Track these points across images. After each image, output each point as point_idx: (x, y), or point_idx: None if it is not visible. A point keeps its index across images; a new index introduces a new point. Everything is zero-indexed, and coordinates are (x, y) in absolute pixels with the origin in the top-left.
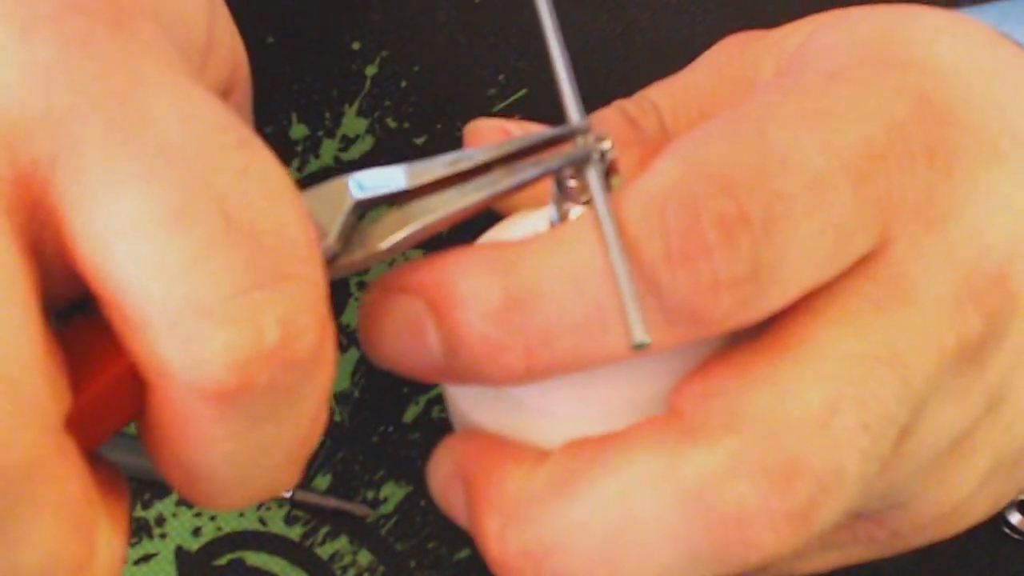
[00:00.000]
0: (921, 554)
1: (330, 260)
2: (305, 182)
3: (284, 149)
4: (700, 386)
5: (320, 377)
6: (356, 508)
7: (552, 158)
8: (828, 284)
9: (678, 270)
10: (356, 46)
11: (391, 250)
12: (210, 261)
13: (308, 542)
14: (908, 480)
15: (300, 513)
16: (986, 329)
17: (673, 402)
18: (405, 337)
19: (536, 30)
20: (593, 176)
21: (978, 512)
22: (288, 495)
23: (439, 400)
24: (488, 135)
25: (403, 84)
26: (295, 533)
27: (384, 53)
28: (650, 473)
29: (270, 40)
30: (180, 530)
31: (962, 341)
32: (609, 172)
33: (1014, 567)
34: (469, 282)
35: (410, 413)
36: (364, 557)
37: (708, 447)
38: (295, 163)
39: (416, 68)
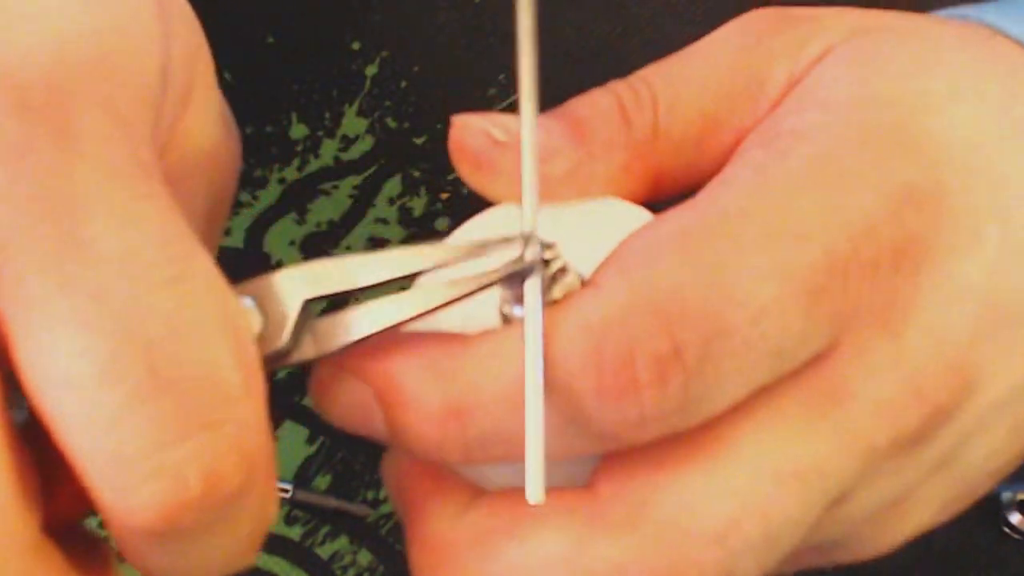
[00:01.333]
0: (921, 553)
1: (280, 356)
2: (305, 182)
3: (284, 149)
4: (619, 473)
5: (255, 496)
6: (356, 508)
7: (493, 271)
8: (766, 386)
9: (607, 405)
10: (356, 46)
11: (343, 350)
12: (134, 417)
13: (308, 542)
14: (843, 532)
15: (300, 513)
16: (926, 424)
17: (595, 477)
18: (356, 415)
19: (536, 30)
20: (530, 298)
21: (923, 528)
22: (288, 495)
23: None
24: (474, 133)
25: (403, 84)
26: (295, 533)
27: (384, 53)
28: (556, 552)
29: (270, 40)
30: None
31: (897, 437)
32: (557, 276)
33: (1014, 567)
34: (412, 385)
35: None
36: (364, 557)
37: (609, 540)
38: (295, 163)
39: (416, 68)
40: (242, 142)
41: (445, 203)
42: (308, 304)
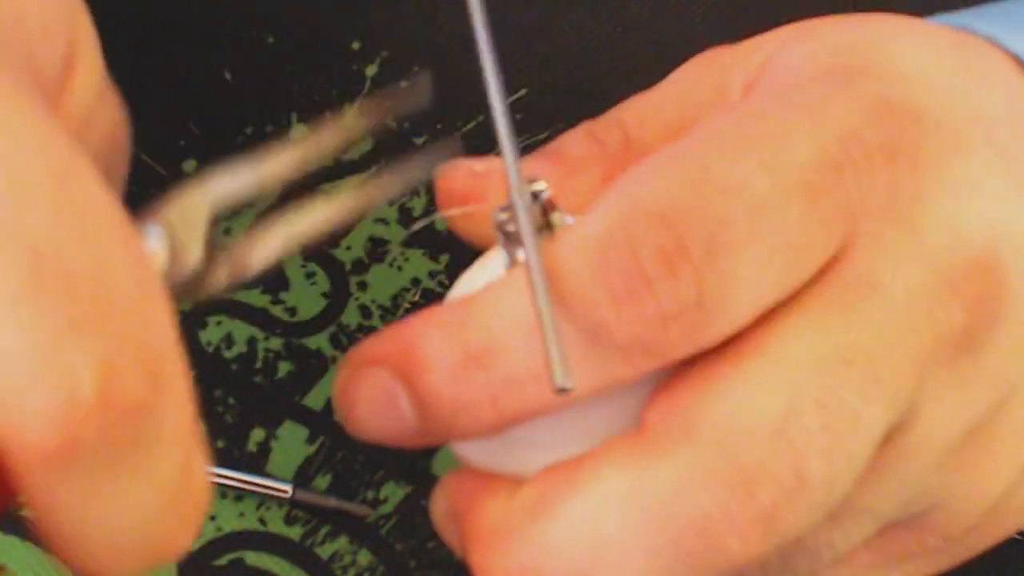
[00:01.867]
0: None
1: (194, 281)
2: (305, 182)
3: None
4: (664, 401)
5: (167, 421)
6: (356, 508)
7: (417, 167)
8: (790, 295)
9: (623, 309)
10: (356, 46)
11: (260, 266)
12: (17, 314)
13: (308, 542)
14: (926, 477)
15: (300, 513)
16: (971, 318)
17: (643, 417)
18: (380, 407)
19: (536, 30)
20: (522, 217)
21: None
22: (288, 495)
23: None
24: (457, 174)
25: (403, 84)
26: (295, 533)
27: (384, 53)
28: (616, 490)
29: (270, 40)
30: None
31: (943, 332)
32: (547, 210)
33: (1014, 567)
34: (429, 344)
35: None
36: (364, 557)
37: (668, 460)
38: None
39: (416, 68)
40: (242, 142)
41: None
42: (218, 225)
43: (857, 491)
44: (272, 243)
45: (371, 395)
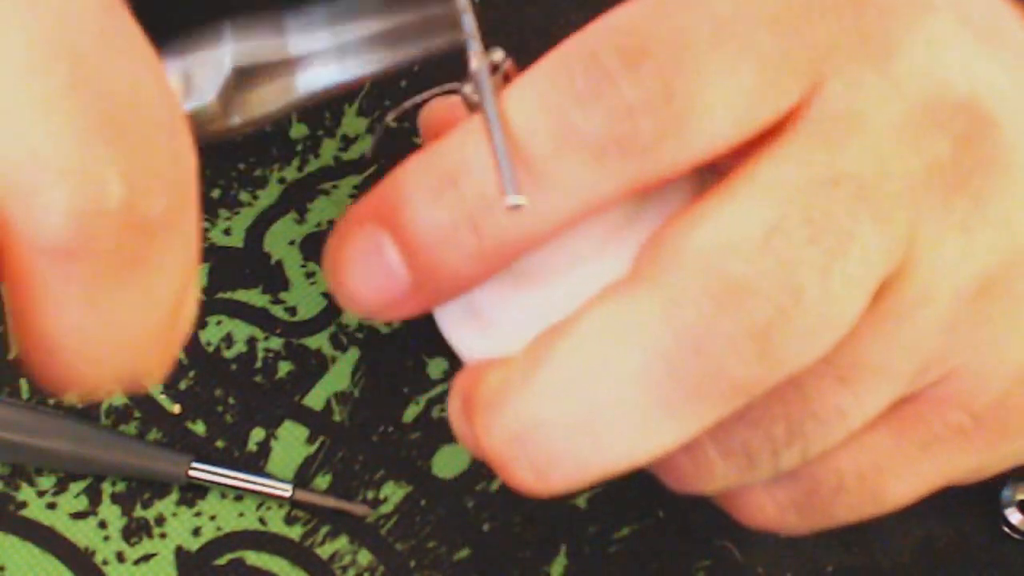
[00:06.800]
0: (921, 553)
1: (208, 122)
2: (305, 182)
3: (284, 149)
4: (649, 242)
5: (177, 247)
6: (356, 508)
7: (437, 40)
8: (767, 130)
9: (588, 106)
10: None
11: (269, 116)
12: (55, 114)
13: (308, 542)
14: (938, 335)
15: (300, 513)
16: (959, 151)
17: (632, 265)
18: (368, 262)
19: (536, 29)
20: (473, 46)
21: None
22: (288, 495)
23: (440, 400)
24: (438, 109)
25: (403, 84)
26: (295, 533)
27: None
28: (604, 326)
29: None
30: (180, 530)
31: (930, 162)
32: (509, 77)
33: (1014, 567)
34: (405, 185)
35: (410, 413)
36: (364, 557)
37: (654, 287)
38: (295, 163)
39: (416, 68)
40: (243, 143)
41: None
42: (238, 74)
43: (863, 344)
44: (282, 98)
45: (358, 252)
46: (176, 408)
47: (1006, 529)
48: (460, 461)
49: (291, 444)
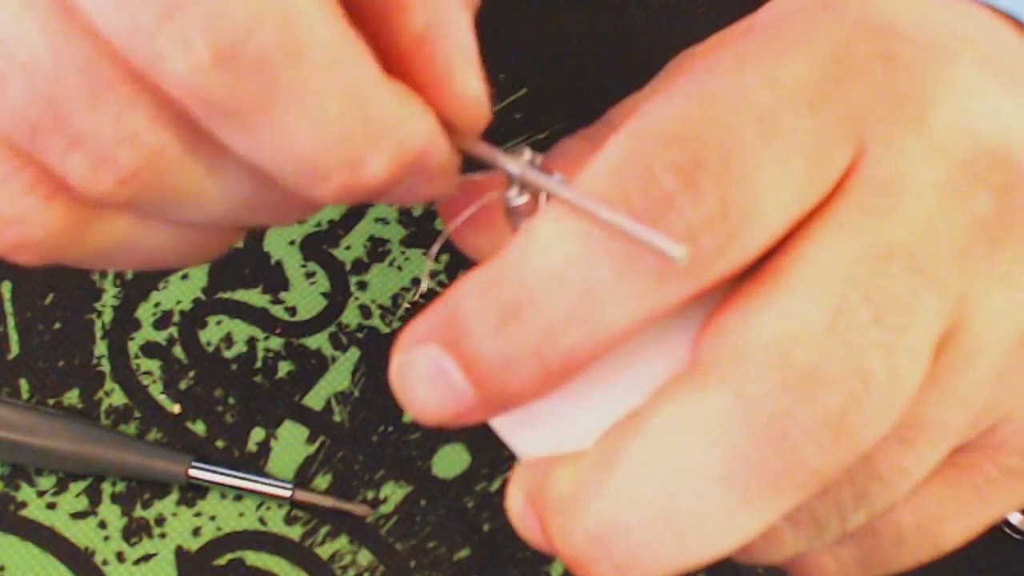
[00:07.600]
0: None
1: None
2: None
3: None
4: (708, 332)
5: (304, 67)
6: (356, 508)
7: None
8: (815, 207)
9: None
10: None
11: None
12: None
13: (308, 542)
14: (990, 385)
15: (300, 513)
16: (1000, 204)
17: (692, 356)
18: (434, 384)
19: (536, 30)
20: (532, 168)
21: None
22: (288, 495)
23: None
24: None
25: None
26: (295, 533)
27: None
28: (678, 424)
29: None
30: (180, 530)
31: (976, 219)
32: (545, 173)
33: (1014, 567)
34: (466, 308)
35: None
36: (364, 557)
37: (724, 384)
38: None
39: None
40: None
41: None
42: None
43: (923, 404)
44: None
45: (424, 374)
46: (176, 408)
47: (1006, 529)
48: (460, 461)
49: (291, 444)
